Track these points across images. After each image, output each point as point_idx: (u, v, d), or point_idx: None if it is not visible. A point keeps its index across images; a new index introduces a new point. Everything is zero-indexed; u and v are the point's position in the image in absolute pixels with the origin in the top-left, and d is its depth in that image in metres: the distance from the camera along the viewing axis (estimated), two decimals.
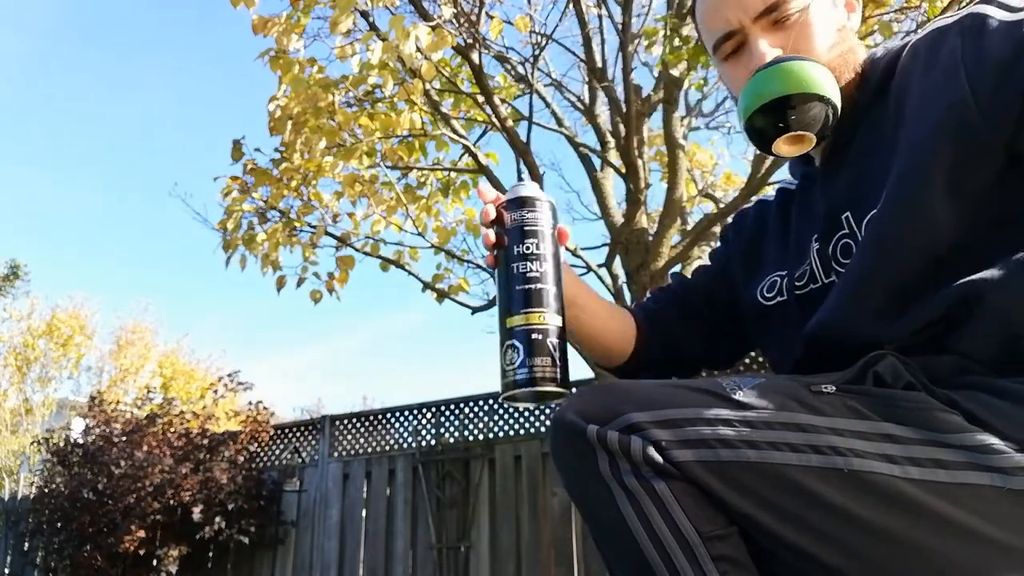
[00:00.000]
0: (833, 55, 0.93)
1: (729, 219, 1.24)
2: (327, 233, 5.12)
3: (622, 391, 0.79)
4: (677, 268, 5.24)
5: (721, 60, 0.99)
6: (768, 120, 0.85)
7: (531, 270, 0.88)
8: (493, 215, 0.93)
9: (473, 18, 4.46)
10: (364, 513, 5.82)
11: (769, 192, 1.18)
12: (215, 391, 6.58)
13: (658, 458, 0.73)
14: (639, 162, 5.18)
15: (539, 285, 0.87)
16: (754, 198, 1.22)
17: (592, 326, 1.11)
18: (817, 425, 0.74)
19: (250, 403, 6.43)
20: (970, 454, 0.71)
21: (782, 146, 0.86)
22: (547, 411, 5.46)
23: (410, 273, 5.41)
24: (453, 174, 5.82)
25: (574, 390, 0.86)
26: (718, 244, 1.24)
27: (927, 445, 0.72)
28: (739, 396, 0.77)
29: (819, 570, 0.73)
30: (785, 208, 1.08)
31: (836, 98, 0.85)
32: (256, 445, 6.31)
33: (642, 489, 0.74)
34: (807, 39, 0.93)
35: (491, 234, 0.93)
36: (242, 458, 6.04)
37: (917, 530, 0.70)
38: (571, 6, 5.16)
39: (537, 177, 4.96)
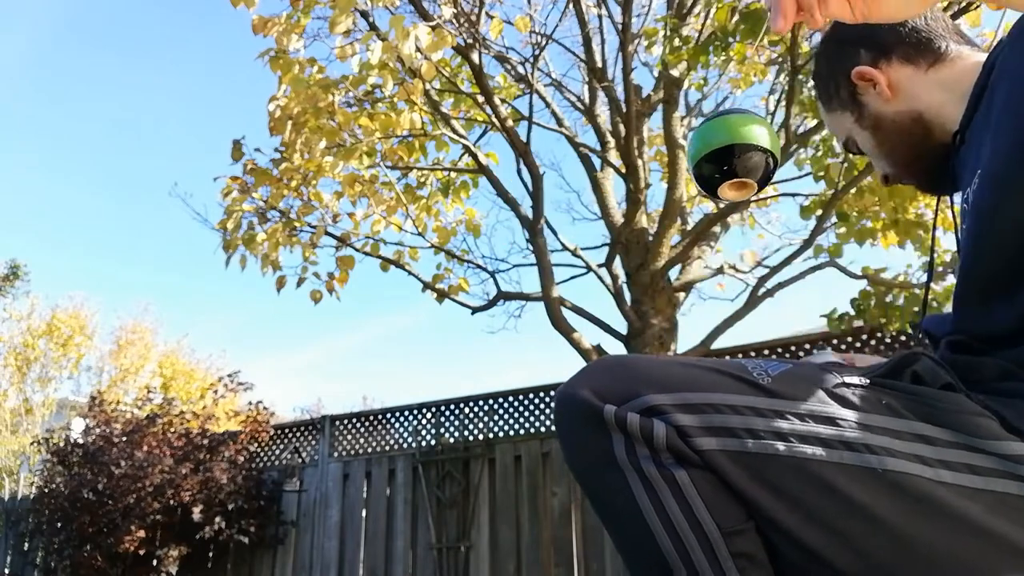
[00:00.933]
0: (894, 143, 0.96)
1: None
2: (327, 233, 5.13)
3: (638, 368, 0.74)
4: (677, 268, 5.25)
5: None
6: (714, 166, 0.91)
7: None
8: None
9: (473, 18, 4.46)
10: (364, 513, 5.82)
11: None
12: (215, 391, 6.58)
13: (681, 445, 0.69)
14: (639, 162, 5.19)
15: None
16: None
17: None
18: (850, 420, 0.71)
19: (250, 403, 6.44)
20: (1003, 462, 0.69)
21: (727, 190, 0.92)
22: (547, 411, 5.45)
23: (410, 273, 5.41)
24: (453, 174, 5.81)
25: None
26: None
27: (961, 449, 0.70)
28: (767, 383, 0.73)
29: (830, 573, 0.70)
30: None
31: (776, 149, 0.90)
32: (256, 445, 6.31)
33: (660, 477, 0.70)
34: (875, 159, 0.99)
35: None
36: (242, 458, 6.04)
37: (942, 533, 0.68)
38: (571, 6, 5.17)
39: (537, 177, 4.97)
